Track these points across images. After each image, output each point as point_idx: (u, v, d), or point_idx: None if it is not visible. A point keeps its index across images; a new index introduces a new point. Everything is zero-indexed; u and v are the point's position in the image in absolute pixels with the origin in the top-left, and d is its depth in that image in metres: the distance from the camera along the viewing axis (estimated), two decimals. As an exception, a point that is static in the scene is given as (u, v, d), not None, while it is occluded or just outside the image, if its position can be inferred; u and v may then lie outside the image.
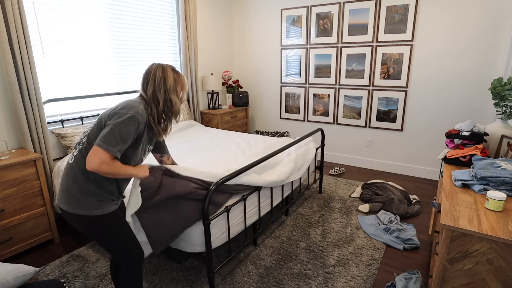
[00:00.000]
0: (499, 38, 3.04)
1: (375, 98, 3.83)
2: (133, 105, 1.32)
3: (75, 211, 1.31)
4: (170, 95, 1.42)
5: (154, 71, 1.42)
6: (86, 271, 2.14)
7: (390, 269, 2.15)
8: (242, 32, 4.69)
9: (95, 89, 3.07)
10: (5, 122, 2.43)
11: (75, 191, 1.31)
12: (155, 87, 1.40)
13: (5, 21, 2.23)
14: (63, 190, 1.34)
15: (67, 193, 1.33)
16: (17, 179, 2.21)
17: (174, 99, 1.44)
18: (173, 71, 1.46)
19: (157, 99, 1.41)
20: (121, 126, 1.24)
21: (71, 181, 1.32)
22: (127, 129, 1.26)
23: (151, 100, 1.41)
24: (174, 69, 1.48)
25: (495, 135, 2.14)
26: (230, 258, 2.06)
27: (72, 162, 1.34)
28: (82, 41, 2.89)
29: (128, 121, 1.26)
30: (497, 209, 1.40)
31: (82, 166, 1.31)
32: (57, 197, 1.38)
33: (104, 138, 1.22)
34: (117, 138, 1.23)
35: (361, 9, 3.68)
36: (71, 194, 1.31)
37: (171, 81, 1.42)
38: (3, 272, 1.34)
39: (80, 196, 1.31)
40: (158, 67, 1.43)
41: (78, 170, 1.32)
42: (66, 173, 1.35)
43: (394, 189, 3.11)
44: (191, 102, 4.05)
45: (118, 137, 1.23)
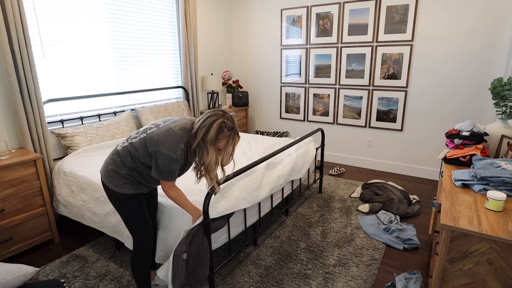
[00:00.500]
0: (499, 38, 3.04)
1: (375, 98, 3.83)
2: (174, 146, 1.48)
3: (107, 183, 1.60)
4: (206, 144, 1.49)
5: (210, 116, 1.50)
6: (86, 271, 2.14)
7: (390, 269, 2.15)
8: (242, 32, 4.69)
9: (95, 89, 3.07)
10: (5, 122, 2.43)
11: (112, 170, 1.59)
12: (199, 128, 1.49)
13: (5, 21, 2.23)
14: (105, 166, 1.62)
15: (106, 168, 1.62)
16: (17, 179, 2.21)
17: (210, 151, 1.50)
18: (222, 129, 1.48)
19: (195, 138, 1.51)
20: (167, 166, 1.50)
21: (111, 162, 1.60)
22: (171, 168, 1.52)
23: (193, 135, 1.52)
24: (228, 126, 1.50)
25: (495, 135, 2.14)
26: (230, 258, 2.07)
27: (119, 149, 1.61)
28: (82, 41, 2.89)
29: (170, 162, 1.49)
30: (497, 209, 1.40)
31: (123, 157, 1.58)
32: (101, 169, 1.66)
33: (162, 176, 1.52)
34: (168, 174, 1.53)
35: (361, 9, 3.68)
36: (108, 170, 1.60)
37: (212, 135, 1.47)
38: (3, 272, 1.34)
39: (113, 174, 1.58)
40: (214, 115, 1.50)
41: (119, 158, 1.59)
42: (112, 154, 1.63)
43: (394, 189, 3.11)
44: (191, 102, 4.05)
45: (168, 173, 1.53)
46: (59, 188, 2.47)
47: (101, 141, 2.85)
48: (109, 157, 1.63)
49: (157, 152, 1.48)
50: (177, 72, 3.97)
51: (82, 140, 2.73)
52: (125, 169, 1.57)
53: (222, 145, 1.52)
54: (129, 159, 1.55)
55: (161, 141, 1.48)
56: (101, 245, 2.44)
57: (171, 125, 1.54)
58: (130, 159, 1.55)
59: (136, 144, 1.55)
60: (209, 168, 1.54)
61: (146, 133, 1.55)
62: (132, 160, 1.55)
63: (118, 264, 2.20)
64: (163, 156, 1.47)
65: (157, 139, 1.49)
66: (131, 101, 3.45)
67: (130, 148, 1.56)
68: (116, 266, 2.19)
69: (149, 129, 1.57)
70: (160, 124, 1.58)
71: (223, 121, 1.49)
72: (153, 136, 1.51)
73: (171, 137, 1.49)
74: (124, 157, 1.56)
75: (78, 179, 2.34)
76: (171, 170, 1.52)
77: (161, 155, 1.47)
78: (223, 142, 1.51)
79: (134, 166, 1.56)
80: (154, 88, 3.66)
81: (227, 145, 1.53)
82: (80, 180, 2.32)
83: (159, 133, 1.51)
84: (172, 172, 1.53)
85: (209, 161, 1.51)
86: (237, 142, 1.57)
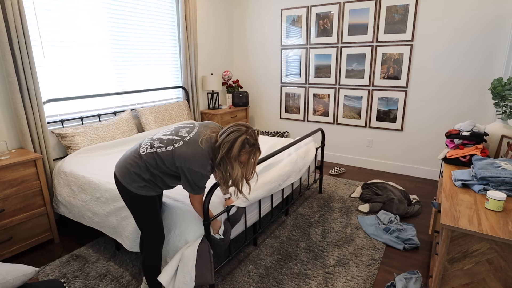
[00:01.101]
0: (499, 38, 3.04)
1: (375, 98, 3.83)
2: (204, 163, 1.53)
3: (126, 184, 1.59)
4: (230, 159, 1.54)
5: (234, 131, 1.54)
6: (86, 271, 2.14)
7: (390, 269, 2.15)
8: (242, 32, 4.69)
9: (95, 89, 3.07)
10: (5, 122, 2.43)
11: (134, 172, 1.58)
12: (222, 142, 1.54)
13: (5, 21, 2.23)
14: (125, 166, 1.60)
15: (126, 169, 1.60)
16: (17, 179, 2.21)
17: (234, 165, 1.56)
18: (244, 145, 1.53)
19: (218, 151, 1.55)
20: (198, 181, 1.55)
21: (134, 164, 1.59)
22: (201, 182, 1.57)
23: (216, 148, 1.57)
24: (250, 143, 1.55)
25: (495, 135, 2.14)
26: (230, 258, 2.07)
27: (143, 154, 1.59)
28: (82, 41, 2.89)
29: (200, 177, 1.55)
30: (497, 209, 1.40)
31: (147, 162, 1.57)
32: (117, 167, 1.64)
33: (193, 190, 1.58)
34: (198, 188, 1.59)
35: (361, 9, 3.68)
36: (130, 171, 1.59)
37: (235, 151, 1.52)
38: (3, 272, 1.34)
39: (135, 177, 1.58)
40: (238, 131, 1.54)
41: (143, 162, 1.58)
42: (134, 157, 1.60)
43: (394, 189, 3.11)
44: (191, 102, 4.05)
45: (198, 187, 1.58)
46: (60, 188, 2.47)
47: (101, 141, 2.85)
48: (130, 159, 1.61)
49: (188, 169, 1.52)
50: (177, 72, 3.97)
51: (82, 140, 2.73)
52: (148, 174, 1.58)
53: (244, 159, 1.57)
54: (155, 165, 1.57)
55: (190, 160, 1.51)
56: (101, 245, 2.44)
57: (197, 138, 1.56)
58: (155, 166, 1.57)
59: (162, 155, 1.55)
60: (236, 182, 1.61)
61: (173, 146, 1.55)
62: (157, 167, 1.57)
63: (118, 264, 2.20)
64: (194, 173, 1.52)
65: (186, 157, 1.52)
66: (131, 101, 3.45)
67: (156, 156, 1.56)
68: (116, 266, 2.19)
69: (174, 142, 1.57)
70: (186, 137, 1.58)
71: (246, 138, 1.53)
72: (182, 153, 1.53)
73: (200, 154, 1.53)
74: (149, 163, 1.57)
75: (78, 179, 2.34)
76: (201, 185, 1.58)
77: (192, 172, 1.52)
78: (244, 157, 1.56)
79: (158, 173, 1.58)
80: (154, 88, 3.66)
81: (248, 160, 1.59)
82: (81, 180, 2.32)
83: (187, 150, 1.53)
84: (202, 187, 1.59)
85: (235, 176, 1.58)
86: (258, 157, 1.63)
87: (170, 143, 1.57)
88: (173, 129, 1.65)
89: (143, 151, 1.59)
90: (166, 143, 1.57)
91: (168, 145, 1.57)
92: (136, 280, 2.05)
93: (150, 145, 1.60)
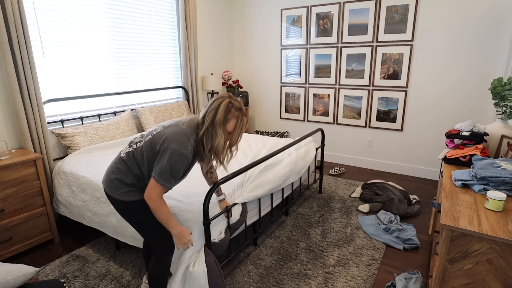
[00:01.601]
0: (499, 38, 3.04)
1: (375, 98, 3.83)
2: (184, 141, 1.42)
3: (111, 194, 1.52)
4: (215, 127, 1.45)
5: (216, 99, 1.48)
6: (86, 271, 2.14)
7: (390, 269, 2.15)
8: (242, 32, 4.69)
9: (95, 89, 3.07)
10: (5, 122, 2.43)
11: (116, 179, 1.50)
12: (206, 112, 1.47)
13: (5, 21, 2.23)
14: (108, 175, 1.54)
15: (108, 178, 1.53)
16: (17, 179, 2.21)
17: (219, 133, 1.46)
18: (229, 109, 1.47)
19: (202, 124, 1.47)
20: (173, 164, 1.40)
21: (115, 170, 1.52)
22: (177, 167, 1.41)
23: (200, 122, 1.49)
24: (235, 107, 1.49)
25: (495, 135, 2.14)
26: (230, 258, 2.07)
27: (123, 156, 1.53)
28: (82, 41, 2.89)
29: (178, 159, 1.40)
30: (497, 209, 1.40)
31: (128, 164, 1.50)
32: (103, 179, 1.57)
33: (161, 175, 1.40)
34: (170, 176, 1.41)
35: (361, 9, 3.68)
36: (111, 179, 1.51)
37: (220, 116, 1.44)
38: (3, 272, 1.34)
39: (118, 183, 1.50)
40: (220, 97, 1.48)
41: (124, 165, 1.51)
42: (115, 163, 1.54)
43: (394, 189, 3.11)
44: (191, 102, 4.05)
45: (170, 175, 1.41)
46: (60, 188, 2.47)
47: (101, 141, 2.85)
48: (112, 166, 1.54)
49: (166, 149, 1.39)
50: (177, 72, 3.97)
51: (82, 140, 2.73)
52: (131, 177, 1.49)
53: (231, 127, 1.48)
54: (135, 165, 1.48)
55: (169, 138, 1.41)
56: (101, 245, 2.44)
57: (178, 123, 1.50)
58: (136, 165, 1.48)
59: (141, 149, 1.47)
60: (217, 151, 1.49)
61: (152, 134, 1.49)
62: (138, 166, 1.48)
63: (118, 264, 2.20)
64: (171, 152, 1.39)
65: (165, 136, 1.42)
66: (131, 101, 3.45)
67: (135, 153, 1.49)
68: (116, 266, 2.19)
69: (154, 130, 1.51)
70: (166, 125, 1.52)
71: (230, 101, 1.47)
72: (161, 135, 1.44)
73: (180, 132, 1.43)
74: (130, 164, 1.49)
75: (78, 179, 2.34)
76: (175, 171, 1.41)
77: (170, 151, 1.39)
78: (232, 122, 1.47)
79: (140, 173, 1.49)
80: (154, 88, 3.66)
81: (236, 126, 1.49)
82: (81, 180, 2.32)
83: (166, 131, 1.45)
84: (174, 174, 1.42)
85: (217, 143, 1.46)
86: (245, 123, 1.53)
87: (149, 133, 1.51)
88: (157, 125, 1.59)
89: (123, 154, 1.53)
90: (146, 135, 1.52)
91: (147, 135, 1.50)
92: (136, 280, 2.05)
93: (128, 145, 1.54)
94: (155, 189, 1.42)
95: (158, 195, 1.43)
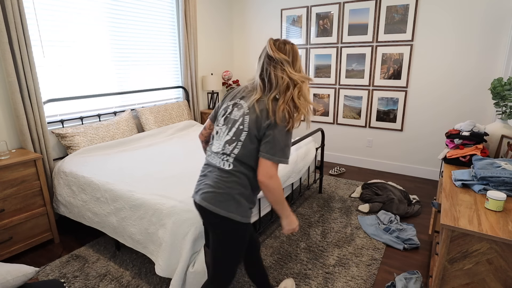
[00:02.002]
0: (499, 38, 3.04)
1: (375, 98, 3.83)
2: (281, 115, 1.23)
3: (231, 215, 1.26)
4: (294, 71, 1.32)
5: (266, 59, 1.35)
6: (86, 271, 2.14)
7: (390, 269, 2.15)
8: (242, 32, 4.69)
9: (95, 89, 3.07)
10: (5, 122, 2.43)
11: (239, 194, 1.28)
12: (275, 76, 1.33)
13: (5, 21, 2.23)
14: (219, 194, 1.27)
15: (227, 196, 1.27)
16: (17, 179, 2.21)
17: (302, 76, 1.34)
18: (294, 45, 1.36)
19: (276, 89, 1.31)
20: (284, 138, 1.24)
21: (231, 185, 1.28)
22: (287, 140, 1.26)
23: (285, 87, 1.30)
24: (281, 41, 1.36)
25: (495, 135, 2.14)
26: (230, 258, 2.06)
27: (229, 169, 1.29)
28: (82, 41, 2.89)
29: (285, 132, 1.25)
30: (497, 209, 1.40)
31: (241, 172, 1.28)
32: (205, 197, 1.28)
33: (274, 154, 1.23)
34: (282, 150, 1.24)
35: (361, 9, 3.68)
36: (232, 196, 1.27)
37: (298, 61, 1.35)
38: (3, 272, 1.34)
39: (242, 199, 1.29)
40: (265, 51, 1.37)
41: (235, 176, 1.28)
42: (225, 173, 1.29)
43: (394, 189, 3.11)
44: (191, 102, 4.05)
45: (283, 150, 1.24)
46: (60, 188, 2.47)
47: (101, 141, 2.86)
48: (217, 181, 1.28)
49: (271, 127, 1.22)
50: (177, 72, 3.97)
51: (82, 140, 2.73)
52: (249, 187, 1.30)
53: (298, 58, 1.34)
54: (252, 162, 1.27)
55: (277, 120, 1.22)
56: (101, 245, 2.44)
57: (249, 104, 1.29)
58: (252, 163, 1.27)
59: (243, 146, 1.27)
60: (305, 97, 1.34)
61: (243, 124, 1.28)
62: (254, 162, 1.27)
63: (118, 264, 2.21)
64: (278, 129, 1.22)
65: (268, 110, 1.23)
66: (131, 101, 3.45)
67: (238, 156, 1.27)
68: (116, 266, 2.19)
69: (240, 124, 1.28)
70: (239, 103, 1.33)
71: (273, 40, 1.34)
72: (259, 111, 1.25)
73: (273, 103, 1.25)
74: (245, 171, 1.28)
75: (78, 179, 2.34)
76: (287, 143, 1.24)
77: (276, 128, 1.22)
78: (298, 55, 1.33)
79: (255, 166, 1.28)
80: (154, 88, 3.66)
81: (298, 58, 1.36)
82: (81, 180, 2.32)
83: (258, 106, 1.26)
84: (288, 145, 1.25)
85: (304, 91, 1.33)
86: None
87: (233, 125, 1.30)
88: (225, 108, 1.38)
89: (226, 166, 1.29)
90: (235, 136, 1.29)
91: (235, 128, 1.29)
92: (136, 280, 2.05)
93: (221, 154, 1.31)
94: (272, 167, 1.23)
95: (274, 174, 1.24)
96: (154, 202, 1.90)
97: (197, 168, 2.41)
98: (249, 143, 1.27)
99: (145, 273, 2.11)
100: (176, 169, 2.39)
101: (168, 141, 3.18)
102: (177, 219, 1.78)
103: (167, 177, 2.25)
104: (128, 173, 2.32)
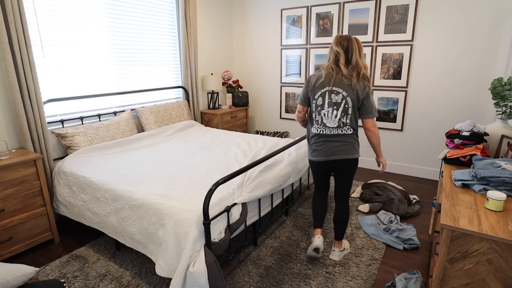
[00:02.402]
0: (499, 38, 3.04)
1: (375, 98, 3.83)
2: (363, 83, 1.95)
3: (355, 155, 2.01)
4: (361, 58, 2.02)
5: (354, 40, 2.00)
6: (86, 271, 2.14)
7: (390, 269, 2.15)
8: (242, 32, 4.69)
9: (95, 89, 3.08)
10: (5, 122, 2.43)
11: (356, 144, 2.03)
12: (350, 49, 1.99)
13: (5, 21, 2.23)
14: (350, 147, 2.00)
15: (352, 146, 2.01)
16: (17, 179, 2.21)
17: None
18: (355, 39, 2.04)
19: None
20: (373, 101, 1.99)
21: (353, 140, 2.01)
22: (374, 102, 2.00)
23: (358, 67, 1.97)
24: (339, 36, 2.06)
25: (495, 135, 2.14)
26: (230, 258, 2.07)
27: (350, 133, 1.99)
28: (82, 41, 2.89)
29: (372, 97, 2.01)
30: (497, 209, 1.40)
31: (356, 132, 2.03)
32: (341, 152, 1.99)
33: (373, 113, 1.97)
34: (375, 109, 2.00)
35: (361, 9, 3.68)
36: (353, 147, 2.01)
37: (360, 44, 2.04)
38: (3, 272, 1.34)
39: (357, 146, 2.04)
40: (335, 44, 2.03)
41: (353, 135, 2.01)
42: (347, 135, 1.99)
43: (394, 189, 3.11)
44: (191, 102, 4.05)
45: (375, 109, 2.01)
46: (60, 188, 2.47)
47: (101, 141, 2.86)
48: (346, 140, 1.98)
49: (367, 94, 1.92)
50: (177, 72, 3.97)
51: (82, 140, 2.73)
52: (358, 138, 2.05)
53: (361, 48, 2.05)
54: (355, 129, 2.01)
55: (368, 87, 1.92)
56: (101, 245, 2.44)
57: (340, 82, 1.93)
58: (355, 129, 2.01)
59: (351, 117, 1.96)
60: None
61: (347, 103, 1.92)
62: (356, 129, 2.02)
63: (118, 264, 2.21)
64: (370, 96, 1.94)
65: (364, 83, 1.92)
66: (131, 101, 3.46)
67: (351, 124, 1.97)
68: (116, 266, 2.19)
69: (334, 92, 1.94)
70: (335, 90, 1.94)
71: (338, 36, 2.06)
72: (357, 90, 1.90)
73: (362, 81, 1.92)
74: (355, 131, 2.01)
75: (78, 179, 2.34)
76: (374, 104, 1.98)
77: (369, 96, 1.93)
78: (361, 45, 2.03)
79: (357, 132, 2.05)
80: (154, 88, 3.66)
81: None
82: (81, 180, 2.32)
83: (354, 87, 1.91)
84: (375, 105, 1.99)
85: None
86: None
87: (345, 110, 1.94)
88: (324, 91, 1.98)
89: (349, 132, 1.98)
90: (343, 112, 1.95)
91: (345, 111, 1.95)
92: (136, 280, 2.05)
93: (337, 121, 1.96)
94: (373, 121, 1.99)
95: (375, 124, 2.01)
96: (154, 202, 1.90)
97: (197, 168, 2.41)
98: (353, 114, 1.96)
99: (145, 273, 2.11)
100: (176, 169, 2.39)
101: (168, 141, 3.18)
102: (177, 219, 1.78)
103: (167, 177, 2.25)
104: (128, 173, 2.33)
